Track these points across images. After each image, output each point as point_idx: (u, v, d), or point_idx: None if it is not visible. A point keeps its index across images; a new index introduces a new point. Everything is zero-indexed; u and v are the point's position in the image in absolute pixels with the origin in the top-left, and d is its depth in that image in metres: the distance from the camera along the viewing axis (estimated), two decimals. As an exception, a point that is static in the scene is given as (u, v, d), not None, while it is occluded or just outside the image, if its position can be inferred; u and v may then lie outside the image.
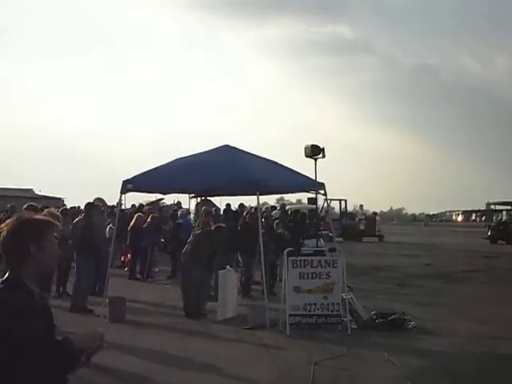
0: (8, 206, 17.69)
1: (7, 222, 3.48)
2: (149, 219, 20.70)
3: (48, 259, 3.50)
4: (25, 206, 11.08)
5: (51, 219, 3.69)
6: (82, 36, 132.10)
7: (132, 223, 20.08)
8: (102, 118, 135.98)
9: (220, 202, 27.71)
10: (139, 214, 21.28)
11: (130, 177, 13.31)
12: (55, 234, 3.61)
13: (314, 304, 11.97)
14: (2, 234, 3.41)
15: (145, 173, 13.59)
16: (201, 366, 9.66)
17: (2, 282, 3.39)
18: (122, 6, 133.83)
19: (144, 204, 29.89)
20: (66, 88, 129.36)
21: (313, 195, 17.69)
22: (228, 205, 24.55)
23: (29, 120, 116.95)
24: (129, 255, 21.01)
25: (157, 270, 21.23)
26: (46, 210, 11.40)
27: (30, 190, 58.70)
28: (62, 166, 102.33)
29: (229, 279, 13.85)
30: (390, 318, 12.30)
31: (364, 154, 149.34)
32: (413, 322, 12.34)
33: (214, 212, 19.72)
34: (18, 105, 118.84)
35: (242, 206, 22.81)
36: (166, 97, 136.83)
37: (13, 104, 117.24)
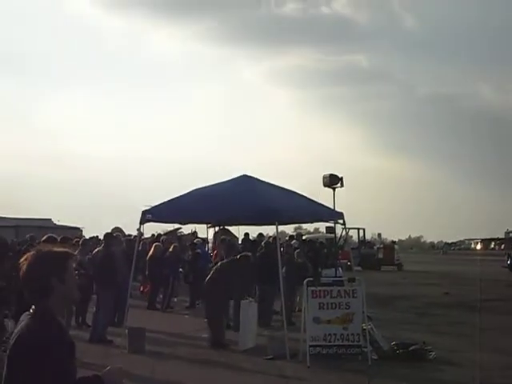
0: (27, 236, 17.81)
1: (27, 255, 3.48)
2: (171, 249, 20.73)
3: (70, 291, 3.52)
4: (44, 237, 11.14)
5: (69, 250, 3.72)
6: (94, 64, 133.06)
7: (151, 253, 20.12)
8: (119, 148, 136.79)
9: (238, 231, 27.75)
10: (157, 243, 21.32)
11: (148, 207, 13.42)
12: (74, 265, 3.63)
13: (334, 334, 11.90)
14: (22, 268, 3.41)
15: (164, 203, 13.68)
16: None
17: (31, 314, 3.42)
18: (135, 34, 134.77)
19: (162, 234, 30.02)
20: (84, 117, 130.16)
21: (331, 224, 17.71)
22: (246, 234, 24.56)
23: (46, 149, 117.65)
24: (146, 285, 21.05)
25: (175, 299, 21.21)
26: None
27: (49, 220, 59.03)
28: (80, 196, 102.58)
29: (250, 309, 13.83)
30: (411, 348, 12.19)
31: (381, 182, 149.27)
32: (434, 353, 12.22)
33: (227, 241, 19.71)
34: (36, 132, 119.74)
35: (260, 235, 22.78)
36: (183, 127, 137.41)
37: (32, 132, 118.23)
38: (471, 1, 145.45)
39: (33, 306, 3.44)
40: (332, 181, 13.74)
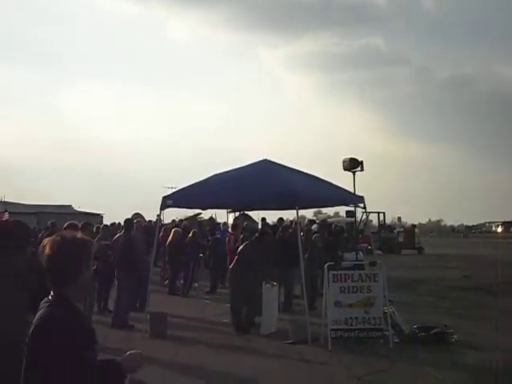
0: (49, 223, 17.99)
1: (51, 239, 3.46)
2: (190, 234, 20.77)
3: (90, 278, 3.56)
4: (65, 224, 11.19)
5: (89, 238, 3.73)
6: (109, 51, 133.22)
7: (170, 239, 20.16)
8: (139, 133, 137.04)
9: (257, 216, 27.78)
10: (176, 229, 21.37)
11: (167, 188, 13.47)
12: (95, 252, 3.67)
13: (356, 318, 11.90)
14: (46, 252, 3.39)
15: (184, 189, 13.72)
16: (242, 382, 9.66)
17: (50, 301, 3.41)
18: (151, 22, 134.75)
19: (182, 219, 30.09)
20: (105, 103, 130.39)
21: (351, 208, 17.64)
22: (263, 219, 24.53)
23: (67, 134, 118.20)
24: (167, 271, 21.13)
25: (196, 285, 21.28)
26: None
27: (69, 207, 59.45)
28: (100, 182, 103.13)
29: (272, 293, 13.85)
30: (433, 331, 12.17)
31: (401, 166, 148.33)
32: (455, 336, 12.19)
33: (246, 225, 19.74)
34: (57, 119, 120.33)
35: (281, 220, 22.74)
36: (202, 113, 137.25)
37: (53, 118, 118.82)
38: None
39: (51, 293, 3.45)
40: (352, 165, 13.65)
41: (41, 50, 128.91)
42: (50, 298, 3.42)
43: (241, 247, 14.52)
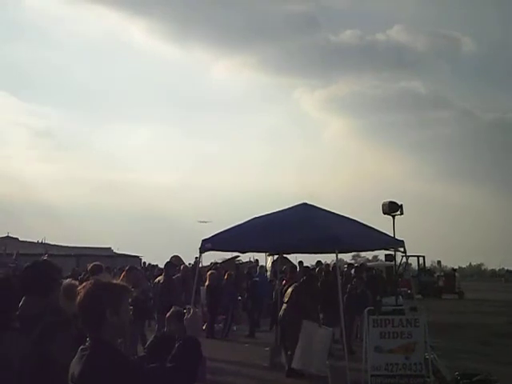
0: (88, 265, 18.14)
1: (84, 284, 3.60)
2: (225, 276, 20.80)
3: (122, 325, 3.57)
4: (90, 266, 11.33)
5: (126, 285, 3.80)
6: (154, 94, 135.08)
7: (208, 282, 20.21)
8: (178, 176, 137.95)
9: (295, 259, 27.74)
10: (212, 271, 21.42)
11: (208, 236, 13.53)
12: (130, 300, 3.70)
13: (396, 364, 11.73)
14: (79, 296, 3.51)
15: (223, 232, 13.77)
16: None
17: (88, 347, 3.46)
18: (193, 66, 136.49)
19: (218, 262, 30.18)
20: (146, 145, 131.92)
21: (390, 252, 17.52)
22: (300, 263, 24.47)
23: (106, 176, 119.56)
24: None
25: (235, 328, 21.23)
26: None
27: (109, 249, 59.92)
28: (139, 224, 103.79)
29: (314, 333, 13.77)
30: (475, 378, 11.93)
31: (441, 209, 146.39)
32: (499, 383, 11.95)
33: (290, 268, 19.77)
34: (96, 161, 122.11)
35: (319, 263, 22.69)
36: (242, 155, 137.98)
37: (92, 161, 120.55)
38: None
39: (88, 339, 3.50)
40: (391, 208, 13.59)
41: (81, 91, 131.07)
42: (86, 344, 3.49)
43: (290, 291, 14.57)
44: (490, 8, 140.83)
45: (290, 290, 14.64)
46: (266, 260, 29.18)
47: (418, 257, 45.83)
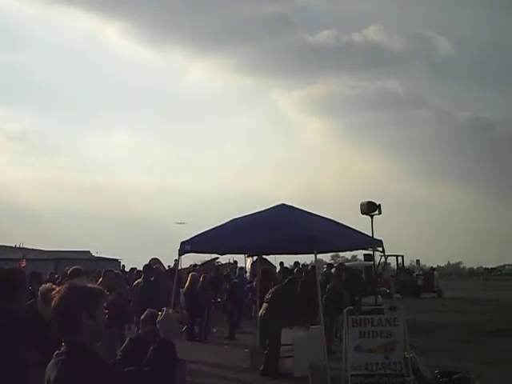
0: (66, 269, 18.00)
1: (59, 288, 3.55)
2: (201, 279, 20.73)
3: (98, 329, 3.53)
4: (70, 270, 11.26)
5: (102, 288, 3.75)
6: (130, 97, 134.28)
7: (187, 284, 20.15)
8: (155, 179, 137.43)
9: (275, 260, 27.75)
10: (193, 273, 21.35)
11: (187, 238, 13.48)
12: (105, 304, 3.66)
13: (376, 363, 11.73)
14: (54, 300, 3.46)
15: (202, 234, 13.71)
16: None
17: (63, 352, 3.41)
18: (170, 69, 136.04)
19: (198, 264, 30.11)
20: (122, 150, 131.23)
21: (369, 252, 17.58)
22: (281, 263, 24.50)
23: (83, 180, 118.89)
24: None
25: (215, 330, 21.17)
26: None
27: (88, 252, 59.56)
28: (117, 227, 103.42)
29: (306, 336, 13.82)
30: (455, 376, 11.96)
31: (418, 208, 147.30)
32: (478, 382, 11.99)
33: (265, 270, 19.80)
34: (73, 164, 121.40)
35: (297, 264, 22.74)
36: (219, 157, 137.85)
37: (68, 164, 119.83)
38: (509, 22, 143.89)
39: (63, 344, 3.45)
40: (370, 208, 13.62)
41: (56, 95, 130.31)
42: (62, 349, 3.44)
43: (272, 290, 14.63)
44: (465, 8, 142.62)
45: (271, 291, 14.68)
46: (245, 261, 29.17)
47: (397, 256, 46.02)
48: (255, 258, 20.92)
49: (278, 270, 24.83)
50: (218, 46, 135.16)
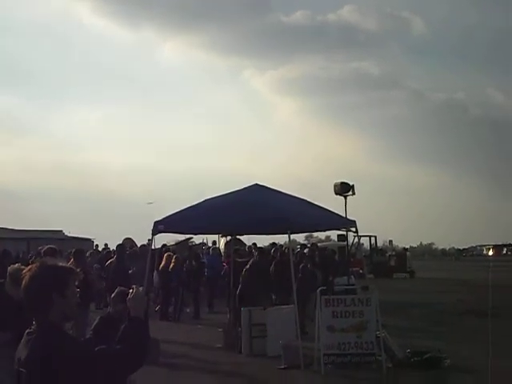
0: (39, 248, 17.88)
1: (30, 267, 3.48)
2: (173, 260, 20.68)
3: (69, 308, 3.49)
4: (44, 248, 11.18)
5: (73, 267, 3.71)
6: (103, 75, 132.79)
7: (162, 264, 20.10)
8: (128, 158, 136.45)
9: (248, 240, 27.72)
10: (169, 253, 21.29)
11: (160, 218, 13.42)
12: (77, 282, 3.61)
13: (348, 343, 11.86)
14: (24, 280, 3.40)
15: (175, 214, 13.66)
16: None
17: (34, 331, 3.37)
18: (142, 46, 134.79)
19: (170, 244, 29.96)
20: (94, 127, 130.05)
21: (343, 232, 17.66)
22: (254, 244, 24.47)
23: (55, 159, 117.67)
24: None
25: (188, 310, 21.18)
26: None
27: (60, 232, 59.14)
28: (90, 206, 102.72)
29: (279, 316, 13.90)
30: (426, 356, 12.12)
31: (392, 189, 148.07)
32: (448, 360, 12.15)
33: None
34: (45, 144, 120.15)
35: (274, 244, 22.72)
36: (192, 137, 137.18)
37: (43, 143, 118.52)
38: (483, 3, 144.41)
39: (33, 323, 3.41)
40: (343, 189, 13.72)
41: (30, 74, 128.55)
42: (32, 328, 3.40)
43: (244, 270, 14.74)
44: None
45: (244, 268, 14.77)
46: (218, 241, 29.12)
47: (370, 237, 46.24)
48: (229, 238, 20.87)
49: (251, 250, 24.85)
50: (192, 25, 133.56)
